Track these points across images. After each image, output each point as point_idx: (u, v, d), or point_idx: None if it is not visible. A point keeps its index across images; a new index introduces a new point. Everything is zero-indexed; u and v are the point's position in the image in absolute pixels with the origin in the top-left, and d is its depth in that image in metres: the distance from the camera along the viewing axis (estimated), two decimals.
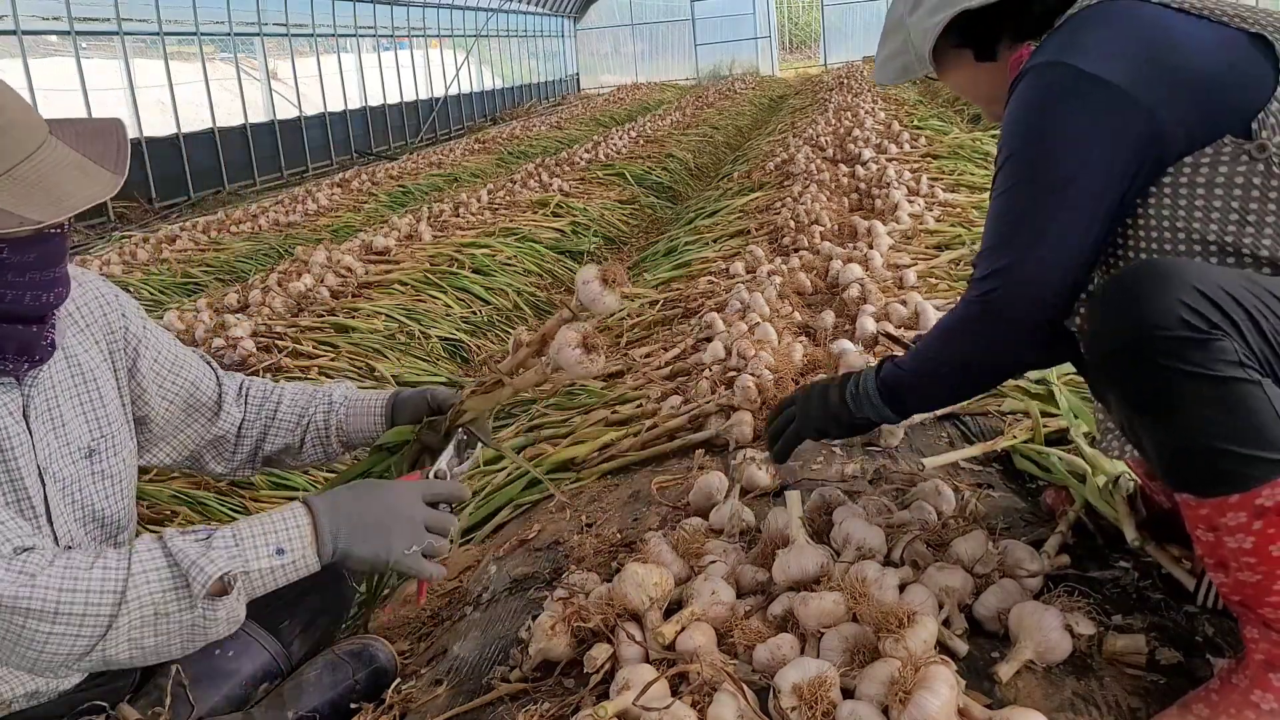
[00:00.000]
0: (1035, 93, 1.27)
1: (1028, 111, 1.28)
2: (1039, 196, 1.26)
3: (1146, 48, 1.23)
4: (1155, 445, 1.14)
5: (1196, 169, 1.20)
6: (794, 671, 1.25)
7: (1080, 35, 1.27)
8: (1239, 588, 1.13)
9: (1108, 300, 1.14)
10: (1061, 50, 1.26)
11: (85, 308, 1.59)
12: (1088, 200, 1.23)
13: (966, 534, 1.56)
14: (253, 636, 1.65)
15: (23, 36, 10.70)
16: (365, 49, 18.35)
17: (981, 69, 1.45)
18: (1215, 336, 1.06)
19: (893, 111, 8.93)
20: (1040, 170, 1.26)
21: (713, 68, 27.39)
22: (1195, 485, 1.11)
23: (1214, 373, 1.06)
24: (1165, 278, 1.09)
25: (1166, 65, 1.21)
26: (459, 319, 4.76)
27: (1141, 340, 1.09)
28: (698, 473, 2.10)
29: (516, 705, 1.47)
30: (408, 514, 1.48)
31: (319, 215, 8.87)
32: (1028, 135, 1.28)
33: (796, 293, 3.53)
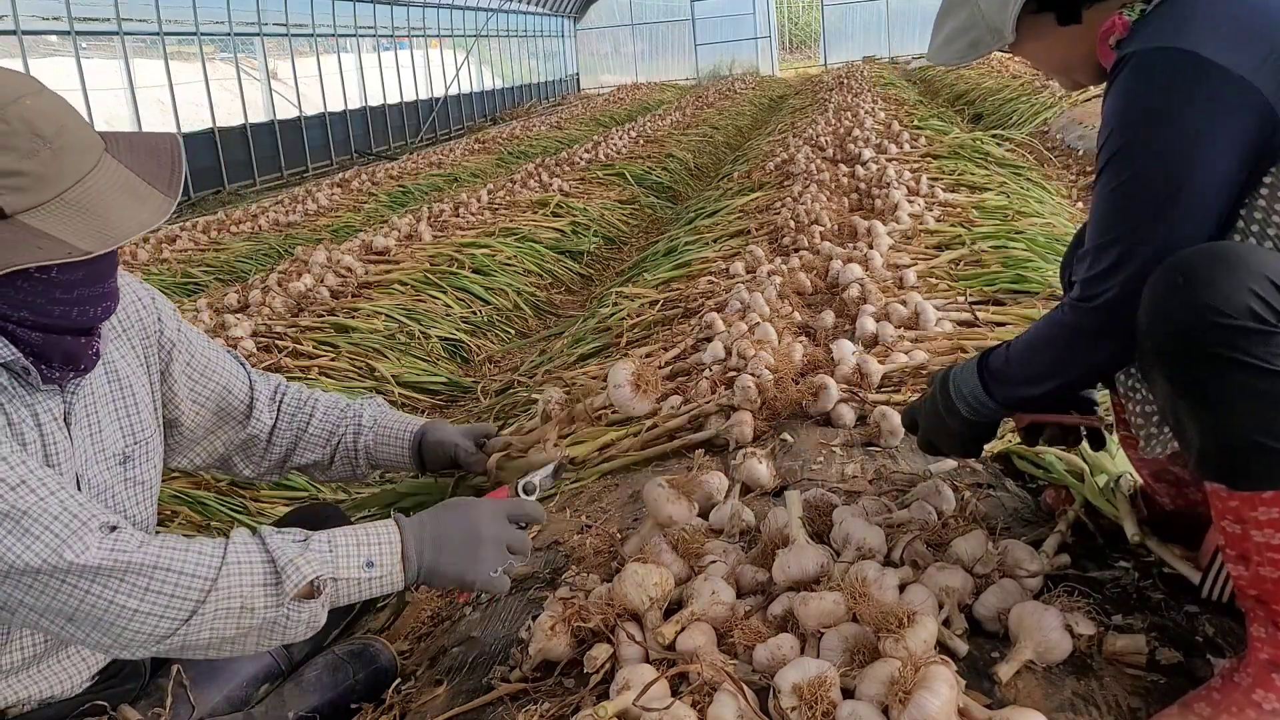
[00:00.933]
0: (1149, 80, 1.18)
1: (1142, 97, 1.19)
2: (1155, 192, 1.18)
3: (1265, 34, 1.14)
4: (1198, 432, 1.11)
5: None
6: (794, 671, 1.25)
7: (1192, 17, 1.18)
8: (1257, 582, 1.12)
9: (1171, 280, 1.09)
10: (1173, 33, 1.17)
11: (122, 311, 1.58)
12: (1206, 196, 1.16)
13: (966, 534, 1.56)
14: None
15: (23, 36, 10.70)
16: (365, 49, 18.35)
17: (1062, 35, 1.35)
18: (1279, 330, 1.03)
19: (893, 111, 8.93)
20: (1155, 166, 1.18)
21: (713, 68, 27.39)
22: (1230, 476, 1.10)
23: (1273, 367, 1.03)
24: (1235, 263, 1.06)
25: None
26: (459, 319, 4.76)
27: (1204, 325, 1.05)
28: (698, 472, 2.10)
29: (516, 705, 1.47)
30: (493, 535, 1.47)
31: (319, 215, 8.87)
32: (1141, 127, 1.19)
33: (796, 293, 3.53)
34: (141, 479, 1.56)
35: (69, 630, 1.25)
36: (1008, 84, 11.70)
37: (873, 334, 2.87)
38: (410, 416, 1.90)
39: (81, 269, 1.30)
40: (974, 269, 3.53)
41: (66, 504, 1.24)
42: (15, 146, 1.20)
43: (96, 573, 1.22)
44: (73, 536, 1.22)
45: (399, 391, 3.87)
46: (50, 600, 1.22)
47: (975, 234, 3.94)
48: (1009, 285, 3.30)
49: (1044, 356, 1.36)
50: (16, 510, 1.21)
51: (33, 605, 1.23)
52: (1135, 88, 1.19)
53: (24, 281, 1.26)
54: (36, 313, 1.29)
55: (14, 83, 1.25)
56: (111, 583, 1.22)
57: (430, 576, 1.43)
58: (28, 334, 1.31)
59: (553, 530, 2.17)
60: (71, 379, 1.41)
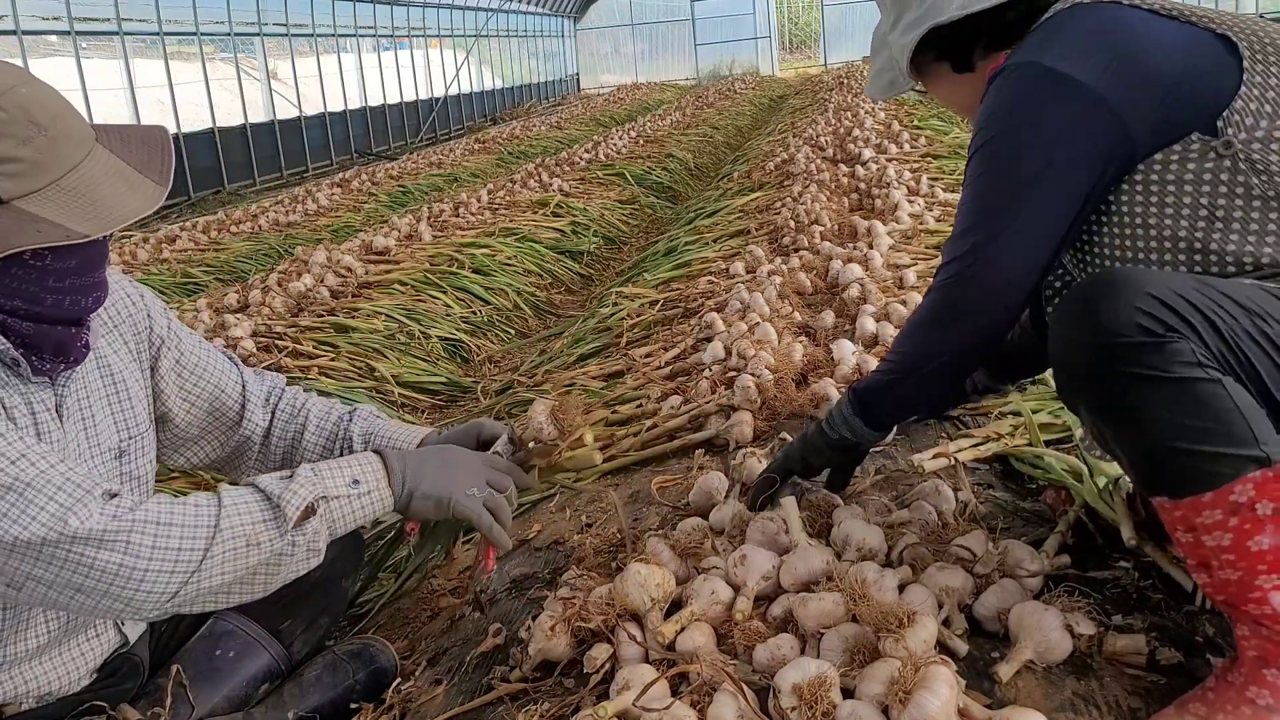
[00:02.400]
0: (1007, 89, 1.32)
1: (1000, 105, 1.32)
2: (1007, 187, 1.30)
3: (1114, 47, 1.26)
4: (1126, 451, 1.16)
5: (1166, 166, 1.23)
6: (794, 671, 1.25)
7: (1051, 37, 1.31)
8: (1222, 587, 1.13)
9: (1066, 314, 1.17)
10: (1035, 50, 1.31)
11: (113, 308, 1.60)
12: (1055, 190, 1.27)
13: (966, 534, 1.56)
14: (253, 637, 1.66)
15: (23, 36, 10.70)
16: (365, 49, 18.35)
17: (960, 80, 1.50)
18: (1171, 339, 1.08)
19: (893, 111, 8.93)
20: (1010, 162, 1.30)
21: (713, 68, 27.39)
22: (1168, 487, 1.13)
23: (1173, 374, 1.08)
24: (1120, 286, 1.12)
25: (1134, 64, 1.24)
26: (459, 319, 4.76)
27: (1101, 348, 1.11)
28: (698, 473, 2.10)
29: (516, 705, 1.47)
30: (470, 463, 1.57)
31: (319, 215, 8.87)
32: (999, 128, 1.32)
33: (796, 293, 3.53)
34: (137, 473, 1.57)
35: (79, 601, 1.25)
36: None
37: (873, 334, 2.87)
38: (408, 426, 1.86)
39: (75, 257, 1.31)
40: None
41: (68, 475, 1.25)
42: (12, 134, 1.22)
43: (102, 538, 1.23)
44: (77, 505, 1.23)
45: (399, 391, 3.87)
46: (59, 572, 1.23)
47: None
48: None
49: (908, 342, 1.47)
50: (19, 483, 1.21)
51: (41, 578, 1.23)
52: (994, 97, 1.34)
53: (18, 269, 1.28)
54: (29, 301, 1.31)
55: (8, 72, 1.27)
56: (118, 546, 1.24)
57: (413, 493, 1.49)
58: (19, 324, 1.32)
59: (553, 530, 2.17)
60: (62, 371, 1.42)
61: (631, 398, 2.84)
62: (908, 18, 1.47)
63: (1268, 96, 1.21)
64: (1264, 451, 1.07)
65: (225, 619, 1.67)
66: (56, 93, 1.31)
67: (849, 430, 1.59)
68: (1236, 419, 1.07)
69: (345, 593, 1.82)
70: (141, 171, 1.34)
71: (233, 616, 1.66)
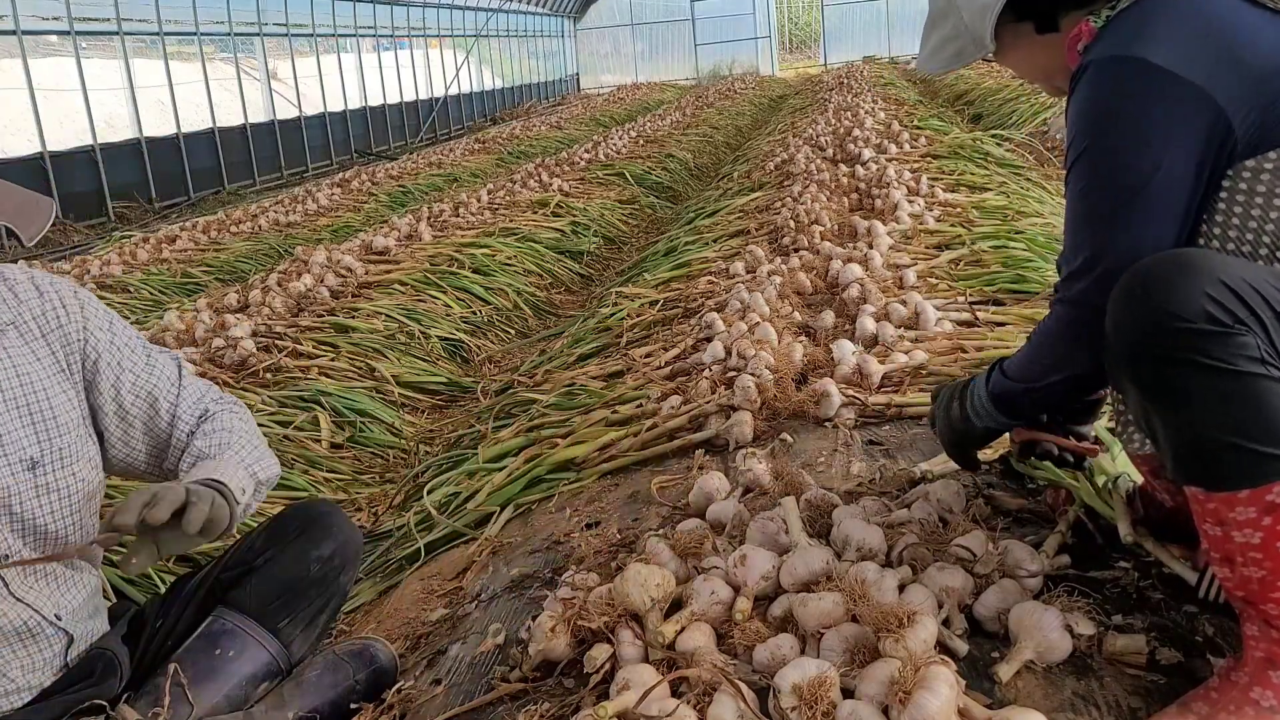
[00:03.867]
0: (1106, 88, 1.23)
1: (1101, 104, 1.24)
2: (1116, 196, 1.23)
3: (1222, 43, 1.18)
4: (1169, 436, 1.13)
5: (1257, 174, 1.18)
6: (794, 672, 1.25)
7: (1149, 25, 1.22)
8: (1244, 583, 1.12)
9: (1132, 289, 1.13)
10: (1131, 42, 1.22)
11: (41, 318, 1.57)
12: (1168, 196, 1.20)
13: (966, 534, 1.56)
14: (252, 635, 1.64)
15: (23, 36, 10.69)
16: (365, 49, 18.34)
17: (1042, 43, 1.40)
18: (1238, 331, 1.05)
19: (893, 111, 8.93)
20: (1117, 166, 1.23)
21: (713, 68, 27.38)
22: (1206, 479, 1.11)
23: (1234, 367, 1.05)
24: (1190, 268, 1.08)
25: (1241, 63, 1.17)
26: (459, 319, 4.76)
27: (1163, 330, 1.08)
28: (698, 473, 2.10)
29: (516, 705, 1.47)
30: None
31: (319, 215, 8.87)
32: (1101, 133, 1.24)
33: (796, 293, 3.53)
34: (56, 486, 1.52)
35: None
36: (1007, 84, 11.69)
37: (873, 334, 2.86)
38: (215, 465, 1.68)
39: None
40: (974, 269, 3.53)
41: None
42: None
43: None
44: None
45: (399, 391, 3.87)
46: None
47: (975, 234, 3.94)
48: (1009, 285, 3.30)
49: (1039, 354, 1.43)
50: None
51: None
52: (1091, 95, 1.25)
53: None
54: None
55: None
56: None
57: None
58: None
59: (553, 530, 2.17)
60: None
61: (631, 398, 2.84)
62: None
63: None
64: None
65: (224, 618, 1.66)
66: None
67: (994, 423, 1.56)
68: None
69: (343, 589, 1.79)
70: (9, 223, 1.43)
71: (231, 615, 1.66)
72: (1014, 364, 1.48)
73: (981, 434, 1.59)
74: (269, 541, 1.71)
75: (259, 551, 1.70)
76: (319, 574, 1.67)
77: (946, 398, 1.64)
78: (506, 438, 2.81)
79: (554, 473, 2.50)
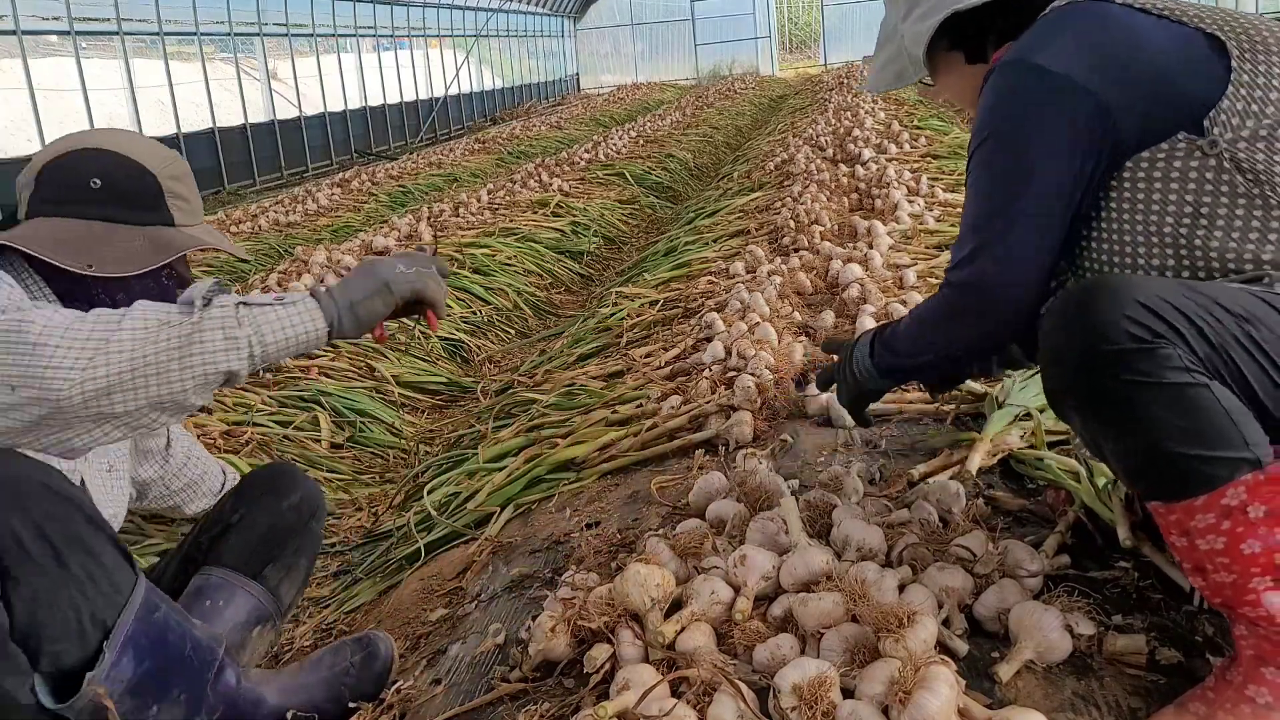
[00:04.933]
0: (999, 88, 1.34)
1: (992, 105, 1.34)
2: (1003, 186, 1.32)
3: (1103, 45, 1.28)
4: (1117, 457, 1.16)
5: (1153, 164, 1.25)
6: (794, 672, 1.25)
7: (1043, 34, 1.33)
8: (1218, 590, 1.14)
9: (1055, 323, 1.18)
10: (1024, 48, 1.33)
11: None
12: (1049, 190, 1.29)
13: (966, 534, 1.56)
14: (238, 585, 1.76)
15: (23, 36, 10.70)
16: (365, 49, 18.35)
17: (972, 71, 1.50)
18: (1160, 345, 1.09)
19: (893, 111, 8.93)
20: (1004, 160, 1.32)
21: (713, 68, 27.38)
22: (1162, 492, 1.13)
23: (1162, 379, 1.09)
24: (1108, 294, 1.12)
25: (1122, 61, 1.26)
26: (459, 319, 4.76)
27: (1091, 356, 1.12)
28: (698, 473, 2.10)
29: (516, 705, 1.47)
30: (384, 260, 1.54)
31: (319, 215, 8.88)
32: (992, 127, 1.33)
33: (796, 293, 3.53)
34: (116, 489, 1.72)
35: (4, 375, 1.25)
36: None
37: None
38: None
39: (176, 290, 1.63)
40: None
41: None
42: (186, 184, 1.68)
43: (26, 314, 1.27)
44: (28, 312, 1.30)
45: (399, 391, 3.87)
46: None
47: None
48: None
49: (922, 332, 1.50)
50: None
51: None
52: (989, 95, 1.35)
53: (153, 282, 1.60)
54: None
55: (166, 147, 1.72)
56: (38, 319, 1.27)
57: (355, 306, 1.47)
58: None
59: (553, 530, 2.17)
60: None
61: (631, 398, 2.84)
62: (924, 5, 1.48)
63: (1255, 96, 1.22)
64: (1253, 454, 1.08)
65: (209, 573, 1.76)
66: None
67: (880, 386, 1.64)
68: (1225, 422, 1.08)
69: (316, 535, 1.91)
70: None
71: (216, 571, 1.77)
72: (897, 338, 1.55)
73: (873, 393, 1.66)
74: (239, 501, 1.84)
75: (233, 510, 1.82)
76: (292, 520, 1.82)
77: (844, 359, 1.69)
78: (506, 438, 2.81)
79: (554, 473, 2.50)
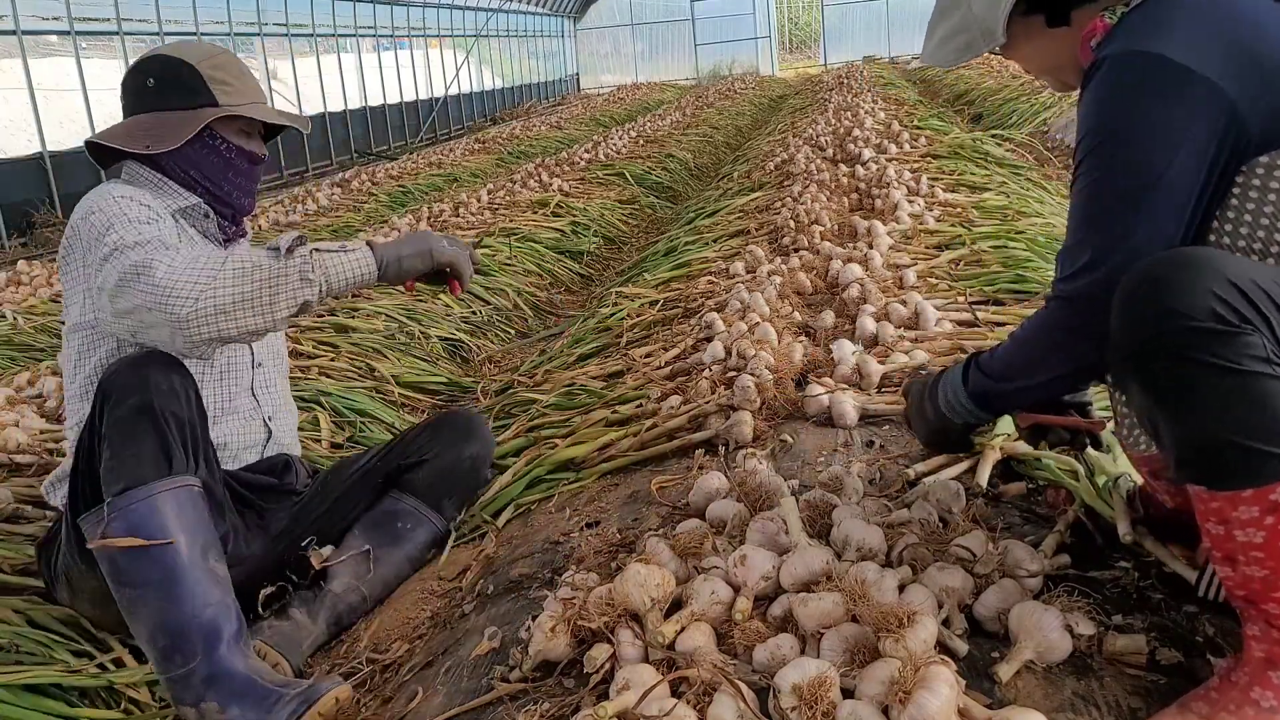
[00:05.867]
0: (1119, 82, 1.22)
1: (1111, 102, 1.23)
2: (1125, 190, 1.21)
3: (1228, 35, 1.18)
4: (1173, 435, 1.12)
5: (1270, 170, 1.18)
6: (794, 672, 1.25)
7: (1165, 20, 1.21)
8: (1245, 583, 1.12)
9: (1137, 288, 1.12)
10: (1145, 37, 1.21)
11: None
12: (1175, 193, 1.19)
13: (966, 534, 1.56)
14: (424, 514, 2.21)
15: (23, 36, 10.69)
16: (365, 49, 18.33)
17: (1051, 37, 1.38)
18: (1244, 330, 1.05)
19: (893, 111, 8.93)
20: (1125, 163, 1.22)
21: (713, 68, 27.36)
22: (1209, 478, 1.11)
23: (1240, 367, 1.05)
24: (1197, 268, 1.07)
25: (1255, 57, 1.16)
26: (459, 319, 4.76)
27: (1169, 329, 1.08)
28: (698, 473, 2.10)
29: (516, 705, 1.47)
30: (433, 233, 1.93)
31: (319, 215, 8.86)
32: (1112, 127, 1.23)
33: (796, 293, 3.53)
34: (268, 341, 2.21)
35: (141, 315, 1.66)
36: (1008, 84, 11.69)
37: (873, 334, 2.87)
38: None
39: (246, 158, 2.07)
40: (974, 269, 3.53)
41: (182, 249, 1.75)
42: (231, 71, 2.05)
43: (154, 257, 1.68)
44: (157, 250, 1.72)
45: (399, 391, 3.87)
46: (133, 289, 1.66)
47: (975, 234, 3.94)
48: (1009, 285, 3.29)
49: (1026, 352, 1.40)
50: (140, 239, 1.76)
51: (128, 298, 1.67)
52: (1106, 90, 1.23)
53: (213, 155, 2.02)
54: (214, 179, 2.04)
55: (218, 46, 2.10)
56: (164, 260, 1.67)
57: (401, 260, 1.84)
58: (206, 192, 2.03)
59: (553, 530, 2.17)
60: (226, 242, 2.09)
61: (631, 398, 2.84)
62: None
63: None
64: None
65: (399, 500, 2.21)
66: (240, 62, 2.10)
67: (971, 418, 1.53)
68: None
69: (484, 479, 2.40)
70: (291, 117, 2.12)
71: (405, 497, 2.21)
72: (996, 361, 1.45)
73: (960, 429, 1.56)
74: (434, 440, 2.27)
75: (428, 448, 2.25)
76: (469, 468, 2.29)
77: (918, 396, 1.61)
78: (506, 438, 2.81)
79: (554, 473, 2.50)
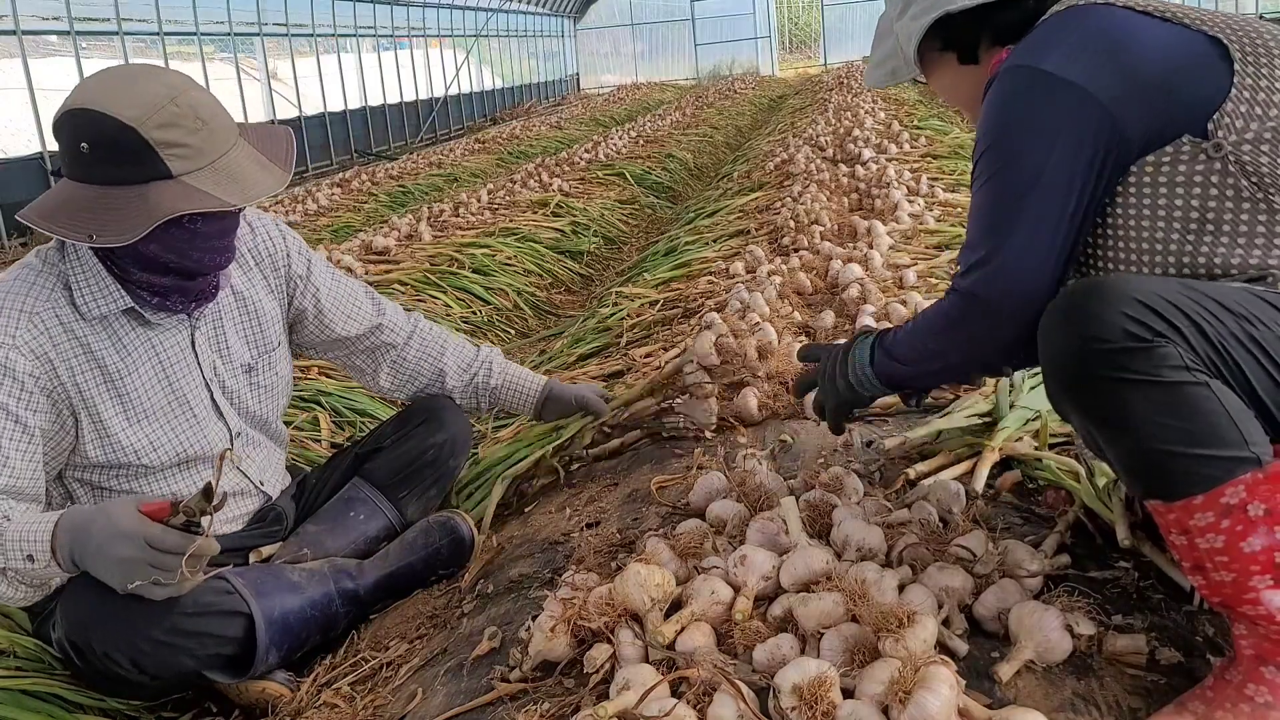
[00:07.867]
0: (1003, 93, 1.34)
1: (997, 110, 1.34)
2: (1010, 191, 1.31)
3: (1107, 49, 1.28)
4: (1117, 456, 1.16)
5: (1158, 169, 1.24)
6: (794, 672, 1.25)
7: (1046, 38, 1.33)
8: (1217, 588, 1.14)
9: (1053, 322, 1.18)
10: (1028, 53, 1.32)
11: (255, 250, 2.02)
12: (1056, 193, 1.28)
13: (966, 534, 1.56)
14: (378, 504, 2.12)
15: (23, 36, 10.69)
16: (365, 49, 18.34)
17: (964, 72, 1.50)
18: (1158, 344, 1.09)
19: (893, 111, 8.93)
20: (1009, 166, 1.31)
21: (713, 68, 27.37)
22: (1161, 491, 1.13)
23: (1161, 378, 1.09)
24: (1104, 293, 1.12)
25: (1126, 65, 1.26)
26: (459, 319, 4.75)
27: (1088, 354, 1.12)
28: (697, 473, 2.10)
29: (516, 705, 1.47)
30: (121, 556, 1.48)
31: (319, 215, 8.86)
32: (997, 133, 1.33)
33: (796, 293, 3.53)
34: (264, 384, 2.02)
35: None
36: None
37: None
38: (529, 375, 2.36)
39: (218, 224, 1.72)
40: None
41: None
42: (184, 125, 1.63)
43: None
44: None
45: None
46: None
47: None
48: None
49: (924, 341, 1.48)
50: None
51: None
52: (991, 102, 1.35)
53: (177, 230, 1.67)
54: (180, 256, 1.72)
55: (177, 77, 1.70)
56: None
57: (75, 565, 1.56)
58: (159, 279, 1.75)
59: (553, 530, 2.17)
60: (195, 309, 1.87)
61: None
62: (919, 3, 1.47)
63: (1258, 99, 1.22)
64: (1253, 453, 1.08)
65: (358, 487, 2.13)
66: (212, 96, 1.72)
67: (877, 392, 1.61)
68: (1225, 421, 1.08)
69: (454, 470, 2.24)
70: (271, 160, 1.74)
71: (364, 486, 2.13)
72: (899, 346, 1.53)
73: (867, 400, 1.65)
74: (398, 427, 2.18)
75: (389, 435, 2.17)
76: (433, 457, 2.15)
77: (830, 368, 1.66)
78: (507, 438, 2.81)
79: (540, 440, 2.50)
